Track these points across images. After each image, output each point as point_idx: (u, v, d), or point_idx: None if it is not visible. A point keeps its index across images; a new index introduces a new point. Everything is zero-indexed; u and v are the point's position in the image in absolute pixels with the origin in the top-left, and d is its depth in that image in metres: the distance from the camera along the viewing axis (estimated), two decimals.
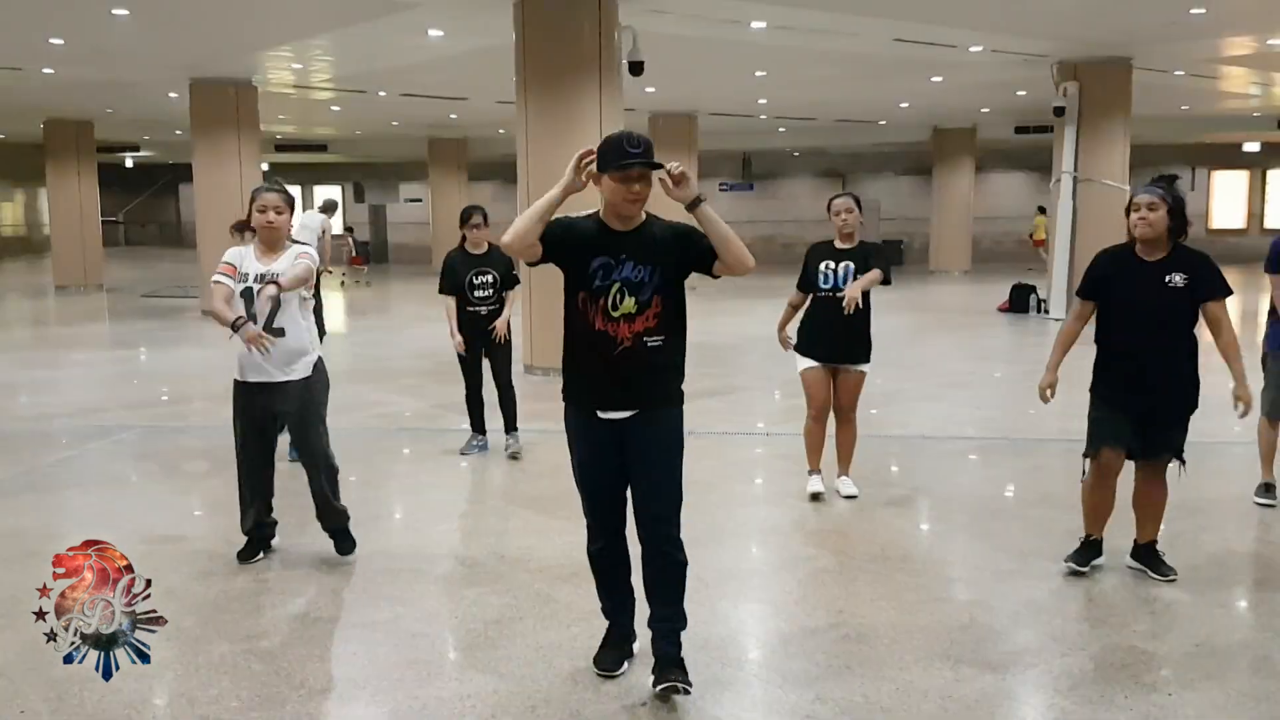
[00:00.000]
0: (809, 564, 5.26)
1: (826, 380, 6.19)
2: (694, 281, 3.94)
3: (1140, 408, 4.71)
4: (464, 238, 7.28)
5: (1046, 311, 16.37)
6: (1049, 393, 4.92)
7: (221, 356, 12.90)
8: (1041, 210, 27.64)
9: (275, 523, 5.37)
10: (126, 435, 8.37)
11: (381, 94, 19.06)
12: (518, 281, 7.37)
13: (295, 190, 35.95)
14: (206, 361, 12.25)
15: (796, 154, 32.57)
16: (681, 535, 3.78)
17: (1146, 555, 4.93)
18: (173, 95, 17.90)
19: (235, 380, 5.14)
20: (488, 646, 4.22)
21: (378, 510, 6.24)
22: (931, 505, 6.39)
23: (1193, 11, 12.24)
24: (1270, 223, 29.68)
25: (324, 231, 13.52)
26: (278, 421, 5.26)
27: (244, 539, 5.29)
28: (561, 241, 3.68)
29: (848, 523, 5.91)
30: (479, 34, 12.62)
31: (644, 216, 3.74)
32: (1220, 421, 5.90)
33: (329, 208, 14.88)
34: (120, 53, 14.33)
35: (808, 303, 6.21)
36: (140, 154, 31.67)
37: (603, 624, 4.11)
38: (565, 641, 4.23)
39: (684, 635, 3.82)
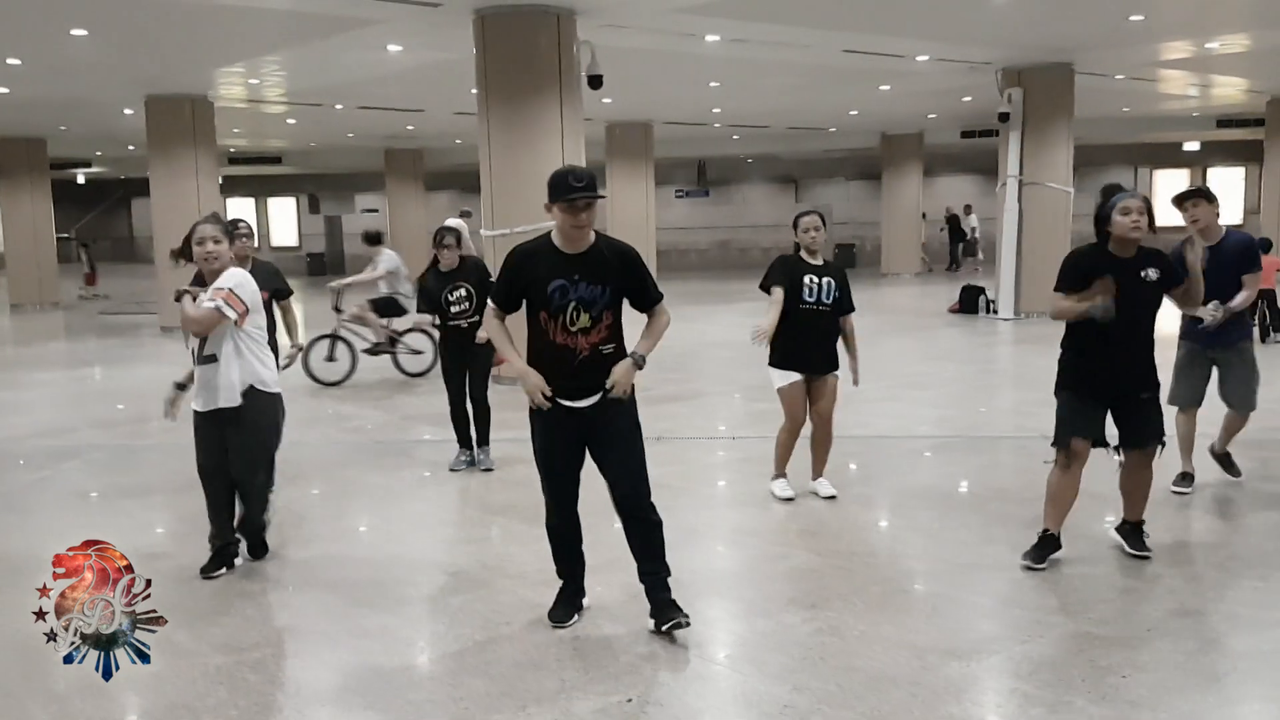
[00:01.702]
0: (780, 562, 5.49)
1: (804, 395, 6.39)
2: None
3: (1116, 394, 5.06)
4: (435, 257, 7.42)
5: (995, 312, 16.76)
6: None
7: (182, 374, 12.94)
8: (924, 216, 28.52)
9: (238, 541, 5.48)
10: (98, 455, 8.42)
11: (338, 107, 19.11)
12: None
13: (249, 204, 35.95)
14: (168, 378, 12.26)
15: (750, 160, 32.91)
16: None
17: (1131, 532, 5.30)
18: (128, 112, 17.84)
19: (193, 409, 5.32)
20: (477, 651, 4.38)
21: (357, 522, 6.38)
22: (893, 502, 6.64)
23: (1131, 18, 12.66)
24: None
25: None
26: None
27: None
28: (520, 290, 4.33)
29: (814, 522, 6.14)
30: (438, 48, 12.77)
31: (593, 238, 4.30)
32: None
33: (466, 215, 16.72)
34: (78, 71, 14.27)
35: (785, 317, 6.14)
36: (92, 170, 31.38)
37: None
38: (552, 643, 4.40)
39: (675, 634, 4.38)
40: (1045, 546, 5.19)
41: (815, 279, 6.23)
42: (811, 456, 6.54)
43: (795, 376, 6.33)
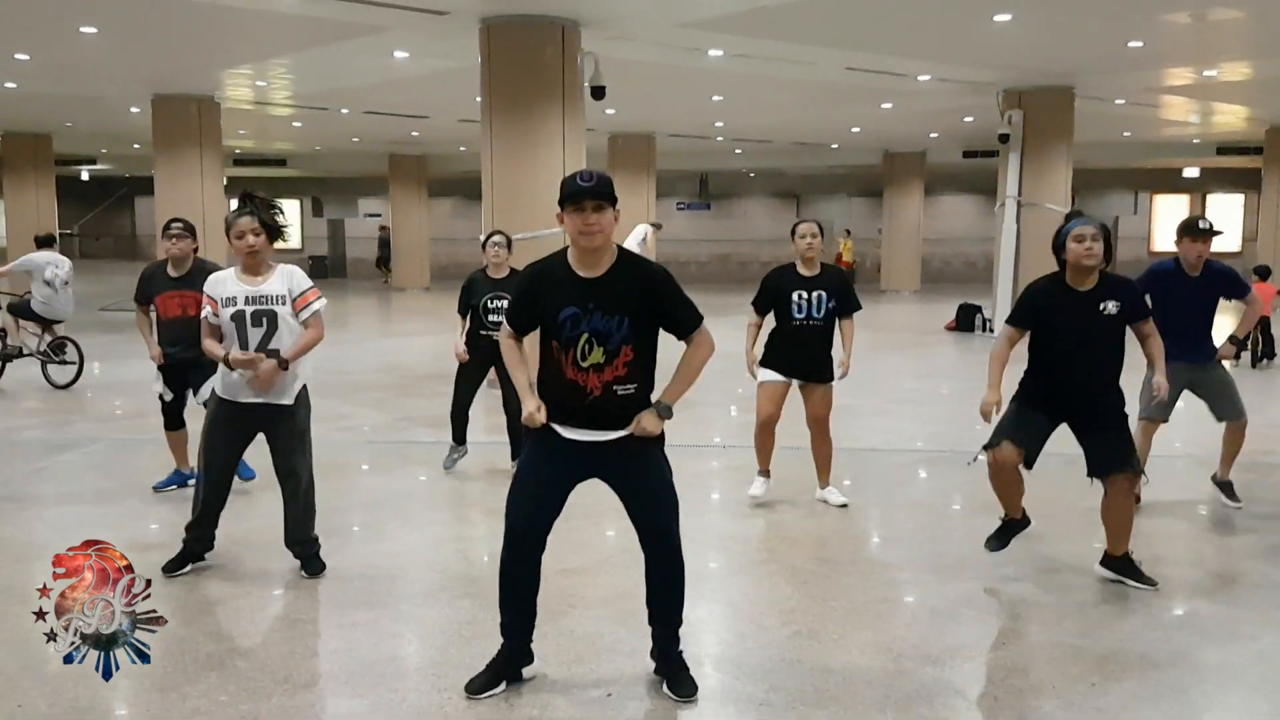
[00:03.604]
0: (763, 567, 5.58)
1: (781, 395, 6.47)
2: None
3: (1074, 422, 5.04)
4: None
5: (991, 331, 16.88)
6: (995, 410, 5.11)
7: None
8: (848, 232, 28.85)
9: (213, 539, 5.44)
10: (96, 447, 8.51)
11: (344, 111, 19.28)
12: None
13: None
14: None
15: (753, 175, 33.09)
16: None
17: (1122, 566, 5.17)
18: (134, 110, 18.00)
19: (220, 398, 5.20)
20: (462, 645, 4.47)
21: (349, 519, 6.46)
22: (880, 513, 6.74)
23: (1131, 44, 12.82)
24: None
25: (645, 238, 17.63)
26: (249, 441, 5.42)
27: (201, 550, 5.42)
28: (534, 314, 3.90)
29: (799, 530, 6.24)
30: (444, 56, 12.92)
31: (614, 256, 3.82)
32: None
33: (657, 226, 19.00)
34: (86, 69, 14.46)
35: (775, 327, 6.44)
36: (97, 167, 31.55)
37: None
38: (537, 639, 4.46)
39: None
40: (1009, 531, 5.30)
41: (805, 294, 6.28)
42: (815, 466, 6.63)
43: (778, 376, 6.44)
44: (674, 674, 4.02)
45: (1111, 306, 4.94)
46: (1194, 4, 11.02)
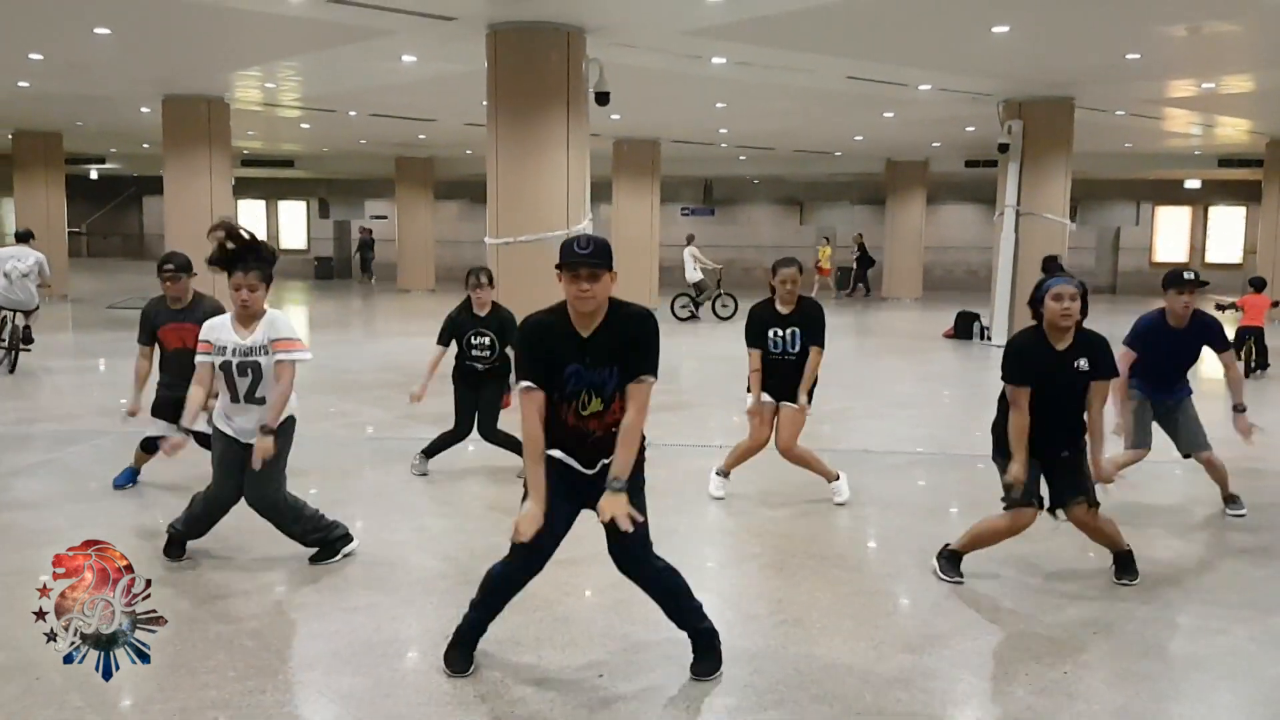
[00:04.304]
0: (754, 561, 5.75)
1: (771, 417, 6.74)
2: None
3: (1044, 455, 5.16)
4: (468, 296, 7.40)
5: (989, 338, 17.02)
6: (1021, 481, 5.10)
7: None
8: (826, 240, 29.12)
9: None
10: (103, 441, 8.67)
11: (351, 113, 19.46)
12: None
13: (260, 206, 36.29)
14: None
15: (756, 181, 33.27)
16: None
17: (1122, 558, 5.40)
18: (145, 110, 18.19)
19: (216, 428, 5.42)
20: None
21: (352, 512, 6.63)
22: (870, 512, 6.89)
23: (1128, 56, 12.97)
24: (1211, 257, 30.74)
25: (696, 256, 20.97)
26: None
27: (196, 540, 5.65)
28: (547, 367, 3.97)
29: (791, 526, 6.41)
30: (451, 60, 13.10)
31: (604, 314, 3.96)
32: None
33: (691, 237, 21.98)
34: (97, 69, 14.64)
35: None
36: (106, 166, 31.78)
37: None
38: (531, 625, 4.67)
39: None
40: (957, 558, 5.37)
41: (780, 331, 6.59)
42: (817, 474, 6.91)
43: (767, 398, 6.70)
44: (700, 648, 4.23)
45: (1084, 364, 5.06)
46: (1190, 17, 11.18)
